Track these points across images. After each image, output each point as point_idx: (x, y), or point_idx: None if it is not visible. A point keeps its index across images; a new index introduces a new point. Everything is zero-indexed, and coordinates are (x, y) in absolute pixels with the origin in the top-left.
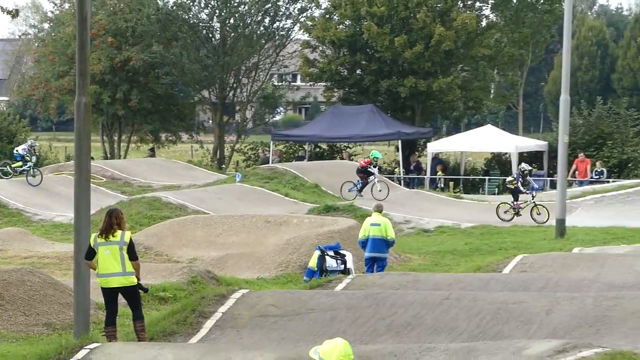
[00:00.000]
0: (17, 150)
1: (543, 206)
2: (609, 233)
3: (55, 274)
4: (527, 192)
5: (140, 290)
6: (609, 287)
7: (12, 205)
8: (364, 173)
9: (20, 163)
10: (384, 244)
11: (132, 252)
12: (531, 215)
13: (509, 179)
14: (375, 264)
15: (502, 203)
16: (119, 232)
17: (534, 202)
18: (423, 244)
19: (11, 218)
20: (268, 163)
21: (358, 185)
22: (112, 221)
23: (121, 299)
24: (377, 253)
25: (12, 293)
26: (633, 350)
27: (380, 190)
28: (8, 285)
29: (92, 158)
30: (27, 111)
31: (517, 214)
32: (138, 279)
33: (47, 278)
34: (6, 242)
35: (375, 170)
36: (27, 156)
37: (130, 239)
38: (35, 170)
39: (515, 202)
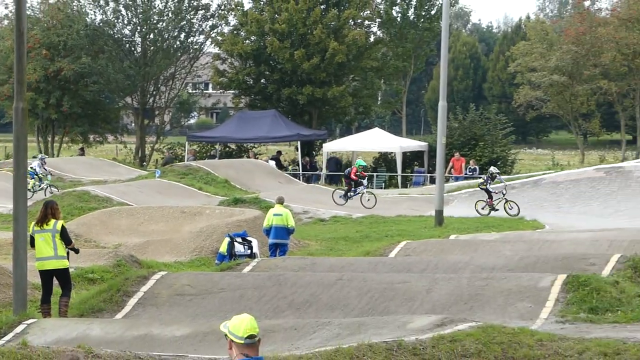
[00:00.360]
0: (31, 168)
1: (514, 202)
2: (481, 222)
3: None
4: (497, 192)
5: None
6: (481, 269)
7: None
8: (351, 180)
9: (32, 181)
10: (285, 231)
11: (65, 237)
12: (504, 209)
13: (480, 181)
14: (277, 249)
15: (479, 201)
16: (52, 221)
17: (505, 198)
18: (319, 232)
19: None
20: (172, 162)
21: (350, 193)
22: (47, 211)
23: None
24: (279, 240)
25: None
26: (502, 324)
27: (368, 200)
28: None
29: (35, 157)
30: None
31: (493, 209)
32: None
33: None
34: None
35: (364, 181)
36: (42, 174)
37: (63, 226)
38: (52, 187)
39: (489, 200)
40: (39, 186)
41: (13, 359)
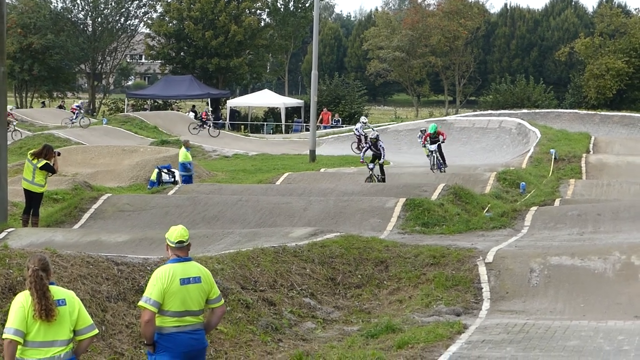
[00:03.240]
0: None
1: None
2: (343, 159)
3: None
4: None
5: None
6: (344, 194)
7: None
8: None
9: None
10: (182, 166)
11: (49, 169)
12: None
13: (356, 127)
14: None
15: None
16: (40, 160)
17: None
18: (224, 165)
19: None
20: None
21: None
22: (42, 152)
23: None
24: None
25: None
26: (359, 234)
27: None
28: None
29: (12, 108)
30: None
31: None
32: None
33: None
34: None
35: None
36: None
37: (45, 164)
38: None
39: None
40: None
41: None
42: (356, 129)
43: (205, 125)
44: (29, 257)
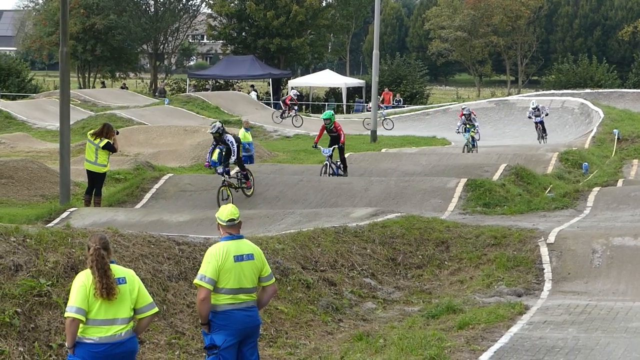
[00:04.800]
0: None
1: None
2: (404, 139)
3: (48, 163)
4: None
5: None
6: (405, 174)
7: (19, 118)
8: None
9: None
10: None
11: (110, 149)
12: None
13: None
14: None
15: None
16: (101, 140)
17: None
18: (285, 145)
19: (18, 126)
20: (164, 93)
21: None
22: (102, 131)
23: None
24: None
25: (19, 175)
26: (419, 214)
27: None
28: (16, 169)
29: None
30: (28, 57)
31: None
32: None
33: (42, 165)
34: (15, 142)
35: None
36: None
37: (106, 143)
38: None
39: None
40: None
41: (59, 237)
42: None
43: (288, 112)
44: (90, 236)
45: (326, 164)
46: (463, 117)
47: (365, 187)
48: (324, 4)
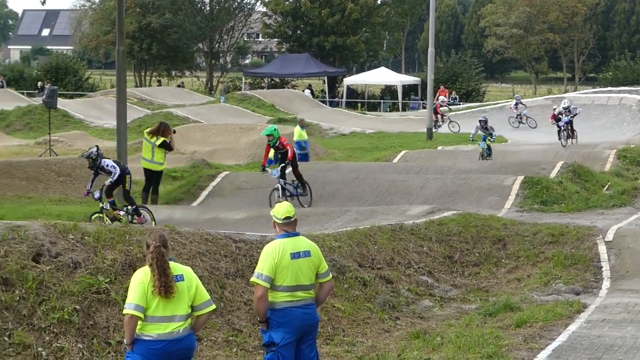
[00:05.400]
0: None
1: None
2: (460, 137)
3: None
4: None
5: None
6: (461, 172)
7: (76, 117)
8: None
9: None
10: (297, 144)
11: (166, 147)
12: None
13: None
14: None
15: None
16: (158, 138)
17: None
18: (341, 143)
19: (75, 125)
20: (228, 91)
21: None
22: (159, 129)
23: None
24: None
25: (77, 173)
26: (476, 212)
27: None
28: (74, 167)
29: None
30: (85, 56)
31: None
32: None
33: None
34: (72, 140)
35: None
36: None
37: (162, 141)
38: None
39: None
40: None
41: (117, 234)
42: None
43: (442, 119)
44: (149, 233)
45: (277, 187)
46: (479, 124)
47: (421, 185)
48: (378, 1)
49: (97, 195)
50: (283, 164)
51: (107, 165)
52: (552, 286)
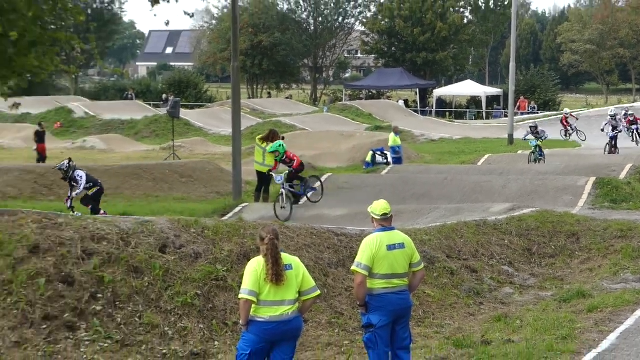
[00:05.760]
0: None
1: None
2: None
3: (222, 164)
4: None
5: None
6: (539, 173)
7: (196, 125)
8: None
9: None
10: (392, 149)
11: (275, 153)
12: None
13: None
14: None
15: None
16: (268, 144)
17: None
18: (431, 148)
19: (196, 132)
20: (334, 102)
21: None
22: (269, 136)
23: None
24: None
25: (198, 174)
26: (552, 209)
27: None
28: (195, 170)
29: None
30: (203, 71)
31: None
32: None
33: (217, 166)
34: (193, 146)
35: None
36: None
37: (271, 146)
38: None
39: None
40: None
41: (233, 229)
42: None
43: (570, 130)
44: (262, 228)
45: (282, 192)
46: (529, 129)
47: (503, 185)
48: (465, 21)
49: (68, 205)
50: (288, 170)
51: (77, 176)
52: (620, 276)
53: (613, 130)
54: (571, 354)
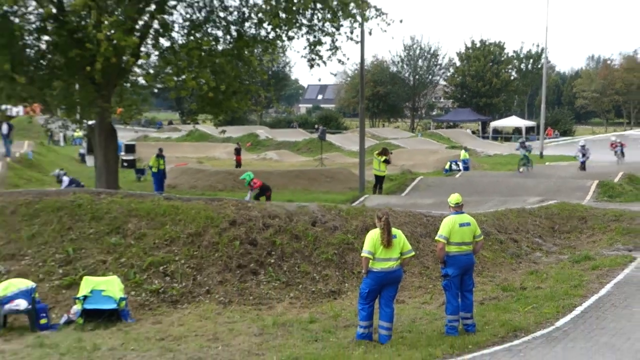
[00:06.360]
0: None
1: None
2: (560, 157)
3: (352, 170)
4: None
5: None
6: (560, 177)
7: (336, 144)
8: None
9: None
10: (462, 161)
11: (387, 162)
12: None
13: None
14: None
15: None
16: (382, 156)
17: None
18: (488, 160)
19: (335, 150)
20: (427, 129)
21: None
22: (383, 151)
23: None
24: (464, 164)
25: (337, 176)
26: (568, 201)
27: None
28: (335, 173)
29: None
30: (341, 110)
31: None
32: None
33: (349, 171)
34: (333, 158)
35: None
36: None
37: (385, 158)
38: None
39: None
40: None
41: (359, 211)
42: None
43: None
44: (378, 210)
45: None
46: (519, 144)
47: (535, 185)
48: (512, 77)
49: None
50: (257, 193)
51: (62, 182)
52: (614, 246)
53: (582, 157)
54: (580, 297)
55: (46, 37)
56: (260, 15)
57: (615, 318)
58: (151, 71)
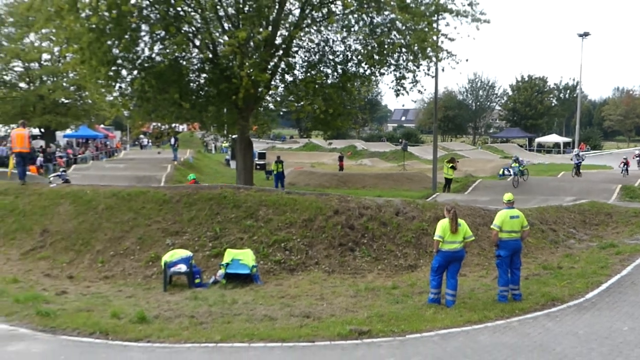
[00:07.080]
0: None
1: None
2: (591, 166)
3: (427, 173)
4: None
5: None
6: (590, 181)
7: (415, 154)
8: None
9: None
10: (513, 168)
11: (454, 168)
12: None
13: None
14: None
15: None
16: (450, 163)
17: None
18: (533, 168)
19: (414, 157)
20: (485, 143)
21: None
22: (451, 159)
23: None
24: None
25: (414, 178)
26: (597, 200)
27: None
28: (412, 176)
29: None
30: (420, 128)
31: None
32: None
33: (424, 174)
34: (411, 165)
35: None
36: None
37: (451, 165)
38: None
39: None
40: None
41: (431, 205)
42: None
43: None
44: (447, 204)
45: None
46: (513, 161)
47: (570, 187)
48: (552, 104)
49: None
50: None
51: (64, 178)
52: (634, 236)
53: (577, 160)
54: (606, 276)
55: (204, 75)
56: (359, 57)
57: (634, 293)
58: (278, 99)
